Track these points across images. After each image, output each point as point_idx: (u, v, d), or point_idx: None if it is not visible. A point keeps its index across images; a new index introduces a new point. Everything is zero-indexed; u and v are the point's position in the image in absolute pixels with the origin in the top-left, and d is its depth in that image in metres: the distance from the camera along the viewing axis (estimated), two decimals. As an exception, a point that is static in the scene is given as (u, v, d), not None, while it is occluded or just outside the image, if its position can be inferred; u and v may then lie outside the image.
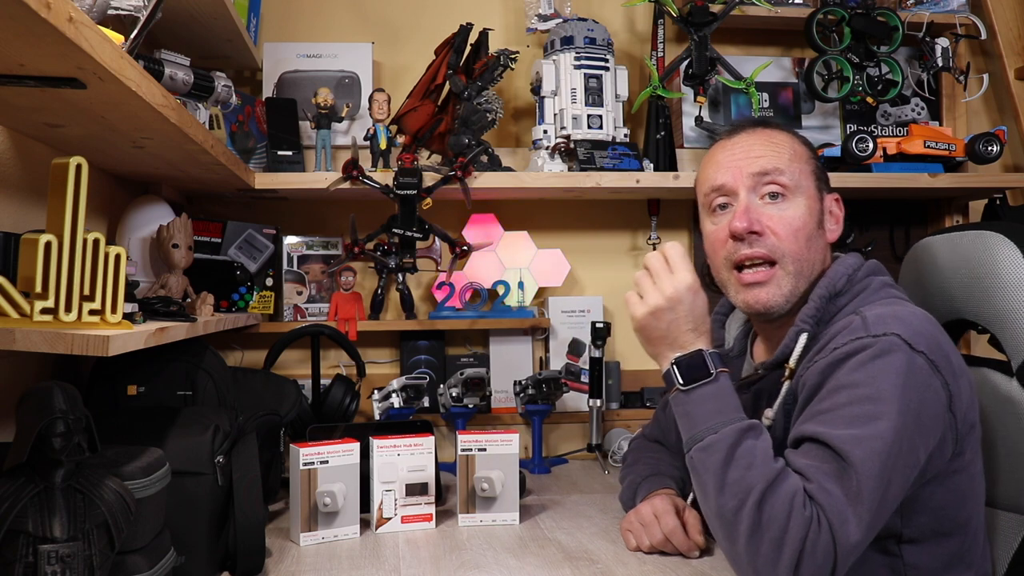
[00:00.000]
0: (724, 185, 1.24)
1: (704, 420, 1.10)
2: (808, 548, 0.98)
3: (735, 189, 1.23)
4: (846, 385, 1.07)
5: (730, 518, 1.03)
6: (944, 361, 1.09)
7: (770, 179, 1.22)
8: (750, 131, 1.28)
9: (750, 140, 1.26)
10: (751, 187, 1.23)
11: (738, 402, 1.12)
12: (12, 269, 1.00)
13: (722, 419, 1.09)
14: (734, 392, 1.13)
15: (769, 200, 1.22)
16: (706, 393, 1.11)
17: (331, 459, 1.35)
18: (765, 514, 1.00)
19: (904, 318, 1.11)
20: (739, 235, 1.20)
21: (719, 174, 1.25)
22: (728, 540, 1.05)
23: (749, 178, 1.23)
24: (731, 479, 1.04)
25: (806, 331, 1.18)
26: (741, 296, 1.24)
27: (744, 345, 1.38)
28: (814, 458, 1.04)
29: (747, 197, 1.22)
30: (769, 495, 1.01)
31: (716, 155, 1.29)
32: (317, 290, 2.01)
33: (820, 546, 0.98)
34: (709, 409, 1.11)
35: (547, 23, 2.00)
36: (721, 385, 1.12)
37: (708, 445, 1.08)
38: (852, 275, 1.22)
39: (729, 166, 1.25)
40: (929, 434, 1.07)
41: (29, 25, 0.76)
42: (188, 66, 1.42)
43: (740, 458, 1.05)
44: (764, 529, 1.00)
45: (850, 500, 1.00)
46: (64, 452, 0.87)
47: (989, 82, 2.15)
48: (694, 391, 1.12)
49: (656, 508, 1.29)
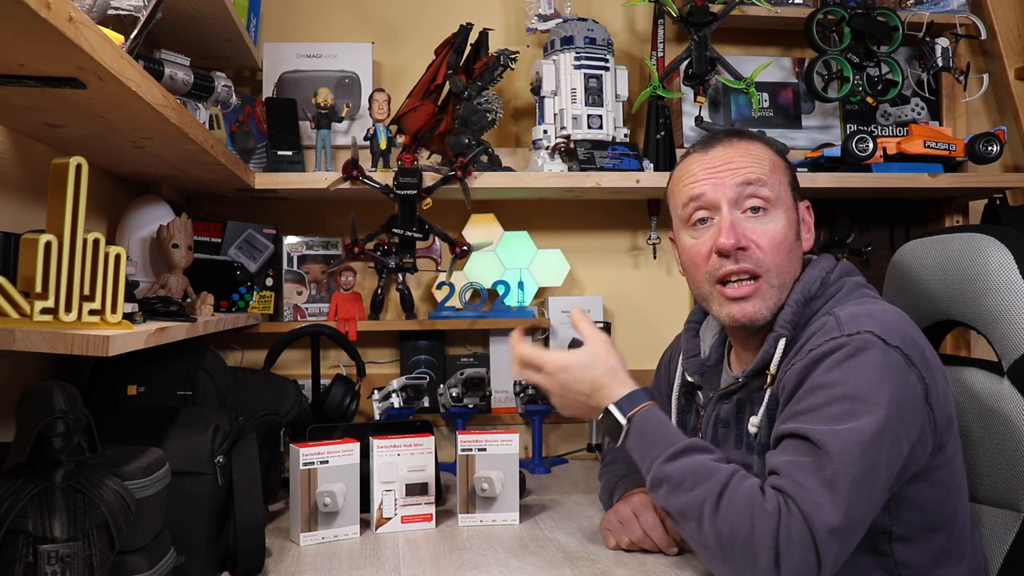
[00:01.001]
0: (704, 197, 1.22)
1: (641, 461, 1.14)
2: (783, 541, 0.98)
3: (716, 203, 1.21)
4: (823, 385, 1.07)
5: (699, 539, 1.05)
6: (919, 355, 1.10)
7: (752, 191, 1.20)
8: (726, 143, 1.25)
9: (728, 151, 1.24)
10: (733, 200, 1.20)
11: (669, 430, 1.14)
12: (12, 269, 1.00)
13: (652, 455, 1.11)
14: (662, 422, 1.15)
15: (751, 214, 1.21)
16: (630, 443, 1.15)
17: (331, 459, 1.35)
18: (725, 523, 1.01)
19: (877, 315, 1.11)
20: (726, 252, 1.19)
21: (698, 185, 1.23)
22: (709, 560, 1.07)
23: (731, 189, 1.20)
24: (682, 503, 1.07)
25: (785, 336, 1.18)
26: (725, 310, 1.22)
27: (721, 353, 1.36)
28: (791, 453, 1.05)
29: (730, 212, 1.20)
30: (723, 503, 1.02)
31: (691, 167, 1.26)
32: (317, 290, 2.01)
33: (794, 536, 0.98)
34: (641, 451, 1.14)
35: (547, 23, 2.00)
36: (642, 424, 1.15)
37: (652, 483, 1.12)
38: (826, 278, 1.22)
39: (708, 178, 1.22)
40: (910, 426, 1.08)
41: (29, 25, 0.76)
42: (188, 66, 1.42)
43: (682, 482, 1.07)
44: (731, 537, 1.01)
45: (824, 487, 1.00)
46: (64, 452, 0.87)
47: (989, 82, 2.15)
48: (624, 443, 1.16)
49: (634, 506, 1.30)
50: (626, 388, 1.18)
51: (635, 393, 1.18)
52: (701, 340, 1.40)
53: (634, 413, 1.15)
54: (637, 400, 1.16)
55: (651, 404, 1.16)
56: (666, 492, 1.09)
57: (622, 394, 1.17)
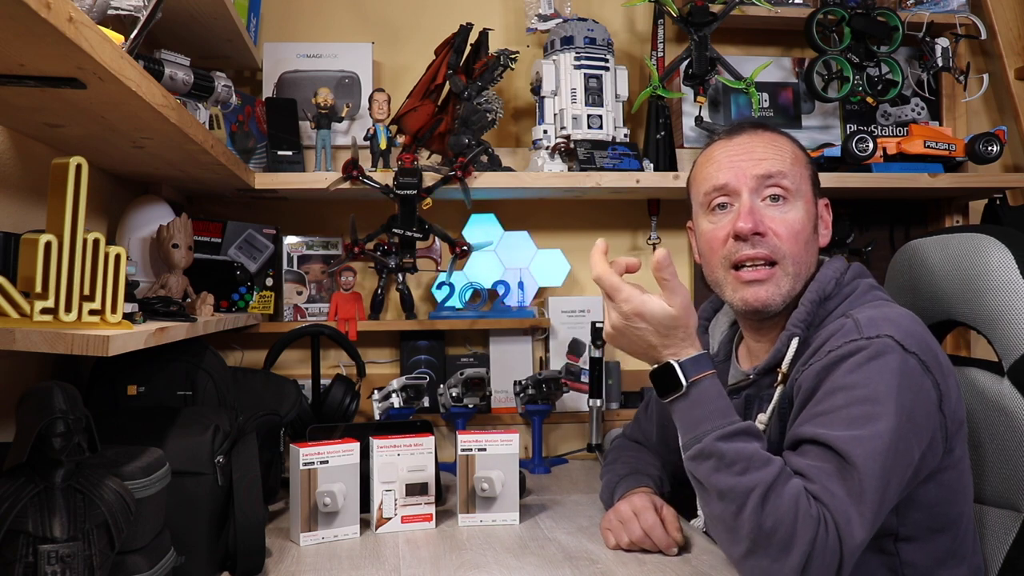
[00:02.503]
0: (727, 185, 1.24)
1: (689, 427, 1.09)
2: (817, 549, 0.98)
3: (737, 189, 1.23)
4: (843, 387, 1.07)
5: (731, 523, 1.03)
6: (934, 361, 1.11)
7: (773, 181, 1.22)
8: (751, 132, 1.28)
9: (752, 141, 1.26)
10: (754, 188, 1.23)
11: (726, 405, 1.09)
12: (12, 269, 1.00)
13: (706, 426, 1.07)
14: (721, 395, 1.10)
15: (771, 202, 1.23)
16: (682, 406, 1.09)
17: (331, 459, 1.35)
18: (769, 517, 1.00)
19: (895, 320, 1.12)
20: (744, 236, 1.20)
21: (721, 173, 1.25)
22: (731, 544, 1.05)
23: (752, 179, 1.23)
24: (726, 485, 1.03)
25: (798, 335, 1.19)
26: (739, 294, 1.23)
27: (729, 350, 1.37)
28: (814, 458, 1.05)
29: (750, 198, 1.22)
30: (772, 496, 1.00)
31: (715, 154, 1.28)
32: (317, 290, 2.01)
33: (828, 547, 0.99)
34: (692, 419, 1.09)
35: (547, 23, 2.00)
36: (702, 392, 1.09)
37: (697, 454, 1.07)
38: (840, 279, 1.23)
39: (731, 166, 1.24)
40: (923, 433, 1.08)
41: (29, 25, 0.76)
42: (188, 66, 1.42)
43: (733, 463, 1.03)
44: (770, 531, 0.99)
45: (853, 500, 1.00)
46: (64, 452, 0.87)
47: (989, 82, 2.15)
48: (673, 403, 1.10)
49: (634, 505, 1.30)
50: (693, 349, 1.11)
51: (701, 357, 1.10)
52: (710, 337, 1.42)
53: (697, 379, 1.09)
54: (702, 366, 1.10)
55: (712, 373, 1.11)
56: (711, 468, 1.05)
57: (689, 355, 1.10)
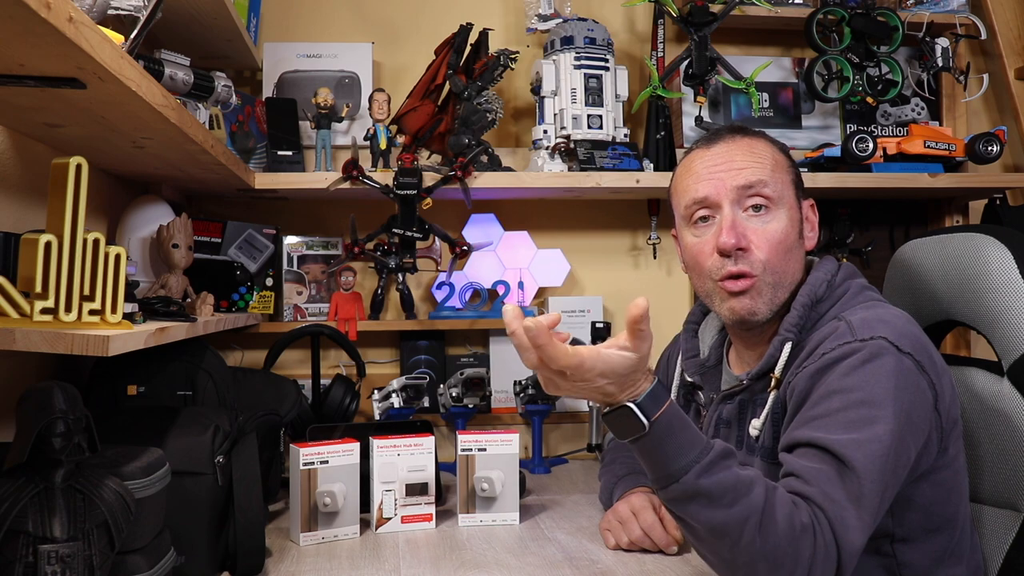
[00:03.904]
0: (707, 198, 1.21)
1: (661, 466, 0.98)
2: (818, 557, 0.97)
3: (718, 202, 1.20)
4: (839, 390, 1.06)
5: (727, 555, 0.98)
6: (929, 361, 1.10)
7: (754, 191, 1.20)
8: (728, 140, 1.24)
9: (731, 149, 1.23)
10: (735, 200, 1.20)
11: (693, 433, 0.98)
12: (12, 269, 1.00)
13: (681, 464, 0.96)
14: (685, 424, 0.98)
15: (752, 212, 1.20)
16: (647, 445, 0.97)
17: (331, 459, 1.35)
18: (768, 543, 0.95)
19: (889, 321, 1.11)
20: (727, 252, 1.18)
21: (700, 186, 1.22)
22: (728, 572, 1.01)
23: (733, 191, 1.20)
24: (719, 520, 0.96)
25: (790, 339, 1.18)
26: (727, 305, 1.21)
27: (720, 354, 1.35)
28: (812, 460, 1.03)
29: (731, 211, 1.19)
30: (766, 521, 0.96)
31: (694, 165, 1.25)
32: (317, 290, 2.01)
33: (828, 555, 0.97)
34: (661, 457, 0.97)
35: (547, 23, 2.00)
36: (664, 427, 0.96)
37: (679, 495, 0.97)
38: (831, 280, 1.22)
39: (710, 178, 1.21)
40: (919, 433, 1.08)
41: (29, 25, 0.76)
42: (188, 66, 1.42)
43: (721, 497, 0.96)
44: (770, 555, 0.96)
45: (852, 504, 0.99)
46: (64, 452, 0.87)
47: (989, 82, 2.15)
48: (636, 443, 0.98)
49: (633, 505, 1.30)
50: (647, 383, 0.97)
51: (656, 389, 0.97)
52: (700, 341, 1.39)
53: (658, 416, 0.96)
54: (659, 399, 0.97)
55: (670, 402, 0.98)
56: (699, 507, 0.96)
57: (644, 391, 0.97)
